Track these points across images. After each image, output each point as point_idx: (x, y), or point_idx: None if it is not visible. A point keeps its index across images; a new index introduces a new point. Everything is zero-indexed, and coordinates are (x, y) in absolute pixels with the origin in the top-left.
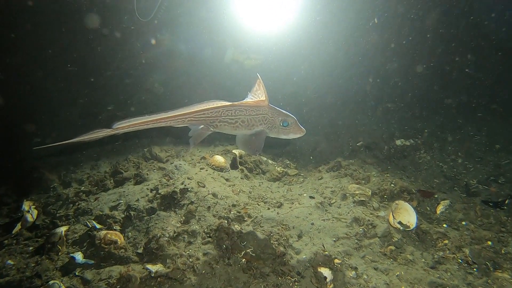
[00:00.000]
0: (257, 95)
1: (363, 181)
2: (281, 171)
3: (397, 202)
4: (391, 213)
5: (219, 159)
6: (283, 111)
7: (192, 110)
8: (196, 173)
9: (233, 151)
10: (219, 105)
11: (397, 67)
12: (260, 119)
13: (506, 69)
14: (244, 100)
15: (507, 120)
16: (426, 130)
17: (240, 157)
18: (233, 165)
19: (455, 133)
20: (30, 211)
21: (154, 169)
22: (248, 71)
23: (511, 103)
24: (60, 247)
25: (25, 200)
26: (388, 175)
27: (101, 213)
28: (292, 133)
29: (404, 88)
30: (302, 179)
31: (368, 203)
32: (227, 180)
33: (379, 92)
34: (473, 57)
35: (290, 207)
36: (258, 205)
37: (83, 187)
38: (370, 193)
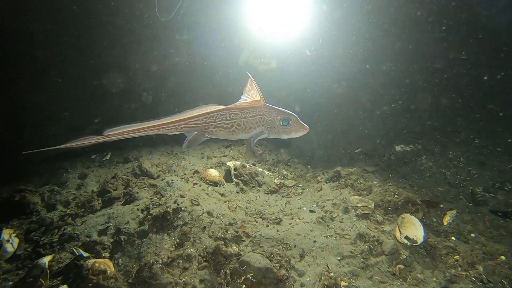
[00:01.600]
0: (251, 96)
1: (365, 192)
2: (278, 183)
3: (403, 215)
4: (397, 227)
5: (213, 173)
6: (282, 109)
7: (185, 117)
8: (189, 190)
9: (227, 163)
10: (213, 109)
11: (395, 70)
12: (258, 120)
13: (503, 67)
14: (238, 102)
15: (505, 121)
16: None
17: (235, 169)
18: (228, 179)
19: (455, 136)
20: (10, 240)
21: (145, 187)
22: (262, 75)
23: (507, 102)
24: (43, 281)
25: (4, 227)
26: (390, 184)
27: (88, 239)
28: (294, 131)
29: (400, 91)
30: (301, 191)
31: (372, 216)
32: (222, 195)
33: (376, 95)
34: (470, 56)
35: (290, 223)
36: (256, 222)
37: (68, 210)
38: (373, 205)
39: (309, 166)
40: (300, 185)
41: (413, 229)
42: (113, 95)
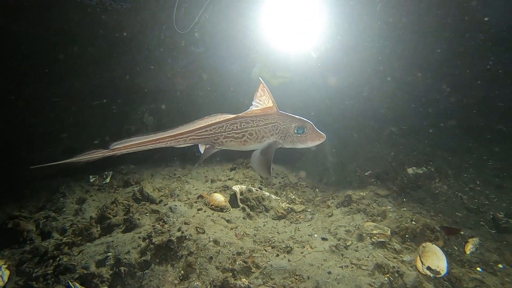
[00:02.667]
0: (263, 102)
1: (379, 218)
2: (286, 208)
3: (424, 244)
4: (418, 257)
5: (218, 197)
6: (296, 116)
7: (193, 128)
8: (193, 216)
9: (232, 187)
10: (222, 119)
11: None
12: (271, 128)
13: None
14: (249, 110)
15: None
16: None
17: (241, 193)
18: (234, 203)
19: (467, 158)
20: (0, 273)
21: (146, 212)
22: (275, 90)
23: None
24: None
25: None
26: (405, 209)
27: (85, 271)
28: (310, 140)
29: (406, 111)
30: (310, 216)
31: (389, 244)
32: (228, 221)
33: (382, 116)
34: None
35: (302, 252)
36: (266, 251)
37: (65, 238)
38: (389, 232)
39: (317, 190)
40: (309, 210)
41: (435, 259)
42: (113, 115)
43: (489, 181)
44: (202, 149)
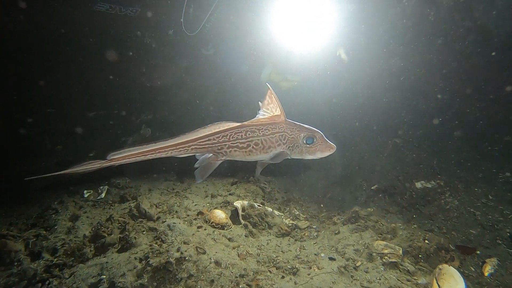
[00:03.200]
0: (270, 110)
1: (389, 236)
2: (290, 224)
3: (440, 266)
4: (434, 280)
5: (219, 214)
6: (305, 125)
7: (196, 137)
8: (193, 234)
9: (234, 203)
10: (227, 127)
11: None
12: (278, 138)
13: None
14: (255, 118)
15: None
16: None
17: (243, 209)
18: (235, 220)
19: (476, 171)
20: None
21: (143, 231)
22: (283, 93)
23: None
24: None
25: None
26: (415, 226)
27: None
28: (319, 151)
29: (410, 122)
30: (316, 233)
31: (401, 265)
32: (230, 240)
33: (388, 126)
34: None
35: (309, 274)
36: (270, 272)
37: (56, 259)
38: (401, 251)
39: (322, 205)
40: (314, 227)
41: (453, 282)
42: (110, 127)
43: (501, 195)
44: (200, 159)
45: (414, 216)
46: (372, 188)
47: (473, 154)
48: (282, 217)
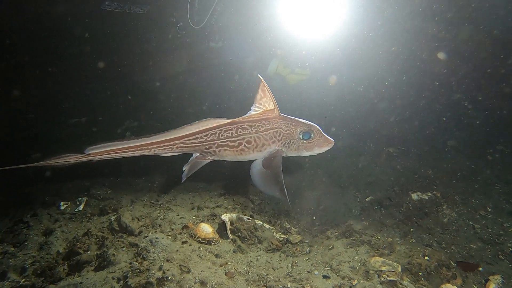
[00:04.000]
0: (263, 105)
1: (386, 251)
2: (281, 239)
3: (443, 286)
4: None
5: (206, 229)
6: (301, 119)
7: (182, 134)
8: (177, 250)
9: (222, 216)
10: (215, 124)
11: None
12: (272, 135)
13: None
14: (247, 114)
15: None
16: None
17: (231, 223)
18: (223, 234)
19: (473, 181)
20: None
21: (123, 246)
22: (292, 88)
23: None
24: None
25: None
26: (413, 240)
27: None
28: (317, 146)
29: (403, 130)
30: (308, 248)
31: (401, 284)
32: (217, 256)
33: (381, 136)
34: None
35: None
36: None
37: (23, 280)
38: (400, 269)
39: (314, 218)
40: (306, 241)
41: None
42: (92, 134)
43: (500, 207)
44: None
45: (412, 229)
46: (366, 199)
47: (468, 164)
48: (273, 230)
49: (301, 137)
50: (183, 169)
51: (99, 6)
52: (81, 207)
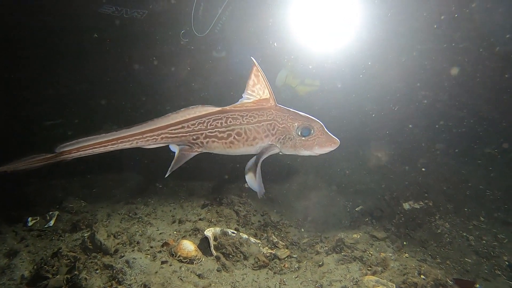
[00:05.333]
0: (256, 92)
1: (380, 268)
2: (268, 254)
3: None
4: None
5: (188, 246)
6: (301, 112)
7: (167, 124)
8: (156, 272)
9: (205, 232)
10: (204, 113)
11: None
12: (265, 127)
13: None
14: (239, 102)
15: (508, 167)
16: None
17: (215, 238)
18: (206, 251)
19: (463, 187)
20: None
21: (97, 269)
22: (302, 100)
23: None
24: None
25: None
26: (407, 255)
27: None
28: (318, 146)
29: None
30: (297, 265)
31: None
32: (199, 276)
33: (369, 139)
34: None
35: None
36: None
37: None
38: None
39: (303, 230)
40: (295, 256)
41: None
42: (68, 138)
43: (492, 216)
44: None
45: (405, 243)
46: (356, 209)
47: (458, 169)
48: (259, 245)
49: (299, 133)
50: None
51: (97, 9)
52: (52, 222)
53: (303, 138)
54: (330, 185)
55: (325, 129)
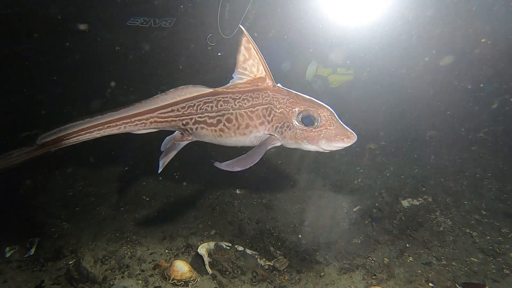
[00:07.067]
0: (249, 70)
1: (385, 276)
2: (266, 266)
3: None
4: None
5: (181, 268)
6: (305, 95)
7: (156, 106)
8: None
9: (198, 249)
10: (195, 94)
11: None
12: (260, 113)
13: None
14: (230, 83)
15: (501, 152)
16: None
17: (209, 255)
18: (201, 270)
19: (461, 178)
20: None
21: None
22: (334, 91)
23: (498, 128)
24: None
25: None
26: (411, 259)
27: None
28: (325, 139)
29: (380, 122)
30: (298, 277)
31: None
32: None
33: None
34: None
35: None
36: None
37: None
38: None
39: (300, 236)
40: (294, 266)
41: None
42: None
43: (493, 208)
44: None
45: (408, 245)
46: (354, 210)
47: (452, 157)
48: (256, 256)
49: (300, 120)
50: (162, 150)
51: (125, 23)
52: (33, 250)
53: (305, 128)
54: (325, 185)
55: (337, 118)
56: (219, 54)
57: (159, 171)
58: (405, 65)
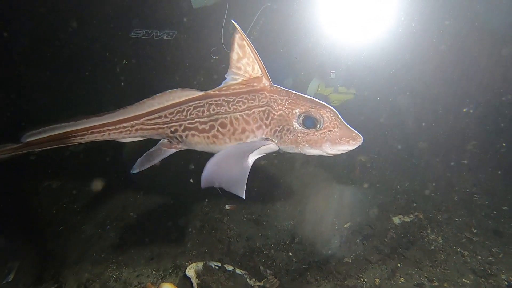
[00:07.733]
0: (243, 69)
1: None
2: (256, 287)
3: None
4: None
5: None
6: (305, 95)
7: (142, 112)
8: None
9: (186, 270)
10: (184, 98)
11: None
12: (257, 116)
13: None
14: (223, 84)
15: (487, 165)
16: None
17: (198, 276)
18: None
19: (451, 193)
20: None
21: None
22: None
23: (485, 140)
24: None
25: None
26: (403, 280)
27: None
28: (329, 142)
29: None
30: None
31: None
32: None
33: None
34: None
35: None
36: None
37: None
38: None
39: (290, 254)
40: (285, 287)
41: None
42: (29, 164)
43: (484, 225)
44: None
45: (399, 265)
46: (345, 226)
47: (442, 171)
48: (246, 276)
49: (301, 123)
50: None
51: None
52: (11, 276)
53: (307, 130)
54: (316, 200)
55: (341, 119)
56: (214, 57)
57: (133, 172)
58: (409, 87)
